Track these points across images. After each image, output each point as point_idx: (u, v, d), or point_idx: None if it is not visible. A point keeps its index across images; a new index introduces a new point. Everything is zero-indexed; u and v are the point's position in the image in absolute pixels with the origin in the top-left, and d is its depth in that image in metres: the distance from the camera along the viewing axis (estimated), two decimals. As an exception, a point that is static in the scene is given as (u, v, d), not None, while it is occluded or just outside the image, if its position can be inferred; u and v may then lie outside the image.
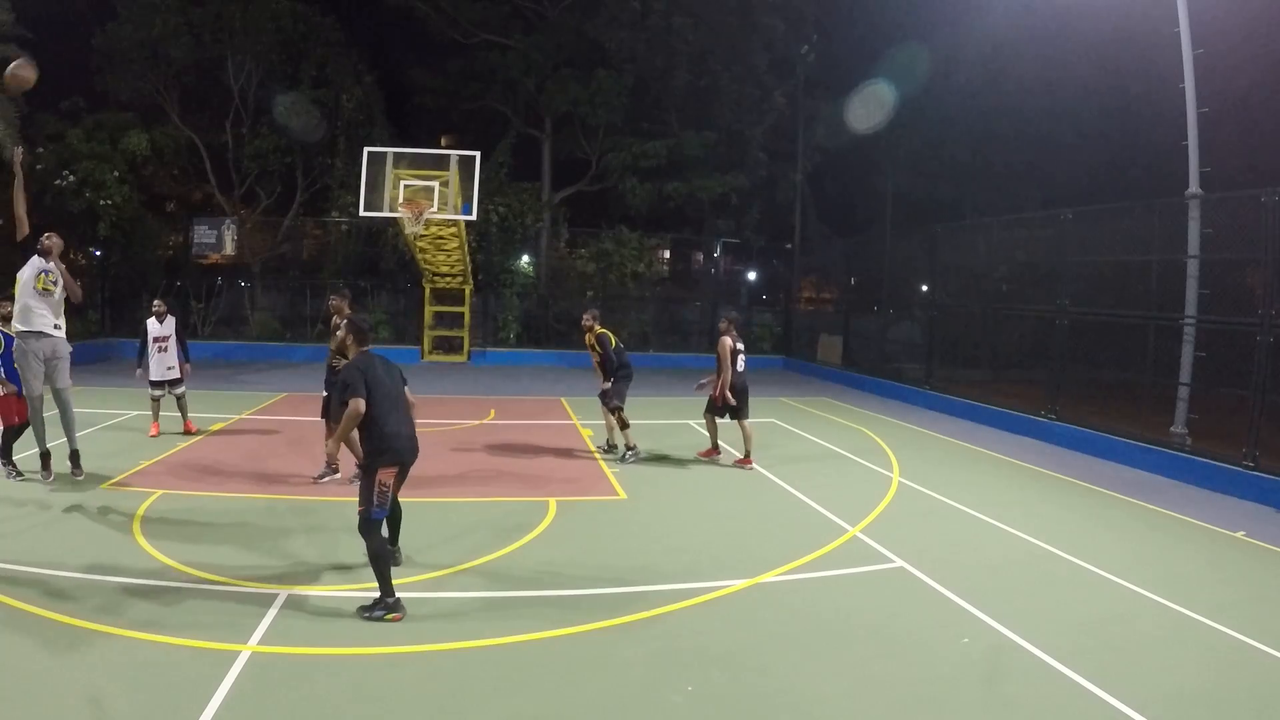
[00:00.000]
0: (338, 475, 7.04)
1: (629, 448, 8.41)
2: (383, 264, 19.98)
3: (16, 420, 6.76)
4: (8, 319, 6.57)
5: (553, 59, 21.34)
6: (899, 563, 5.46)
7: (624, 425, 8.43)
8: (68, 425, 6.72)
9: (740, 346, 8.30)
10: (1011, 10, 17.66)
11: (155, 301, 9.43)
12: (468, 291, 18.31)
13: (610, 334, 8.67)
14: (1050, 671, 3.91)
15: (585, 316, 8.84)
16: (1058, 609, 4.75)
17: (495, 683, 3.63)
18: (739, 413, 8.27)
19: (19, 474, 6.73)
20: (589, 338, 8.71)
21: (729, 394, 8.10)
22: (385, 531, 4.59)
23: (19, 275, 6.41)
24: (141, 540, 5.25)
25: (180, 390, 8.98)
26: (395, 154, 14.45)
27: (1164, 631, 4.51)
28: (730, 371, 8.08)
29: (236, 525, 5.74)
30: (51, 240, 6.52)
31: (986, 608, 4.66)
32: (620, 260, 20.08)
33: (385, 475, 4.36)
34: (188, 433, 8.84)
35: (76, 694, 3.32)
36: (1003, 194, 21.09)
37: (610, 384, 8.49)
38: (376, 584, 4.25)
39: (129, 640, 3.82)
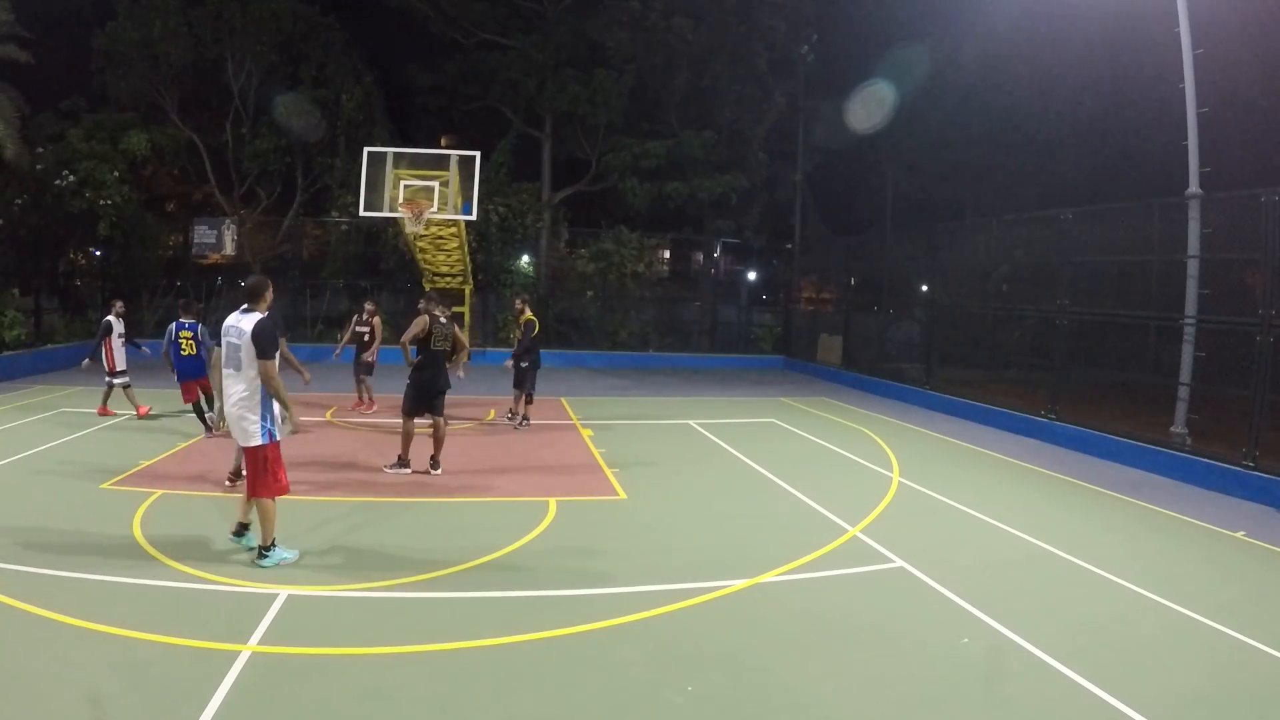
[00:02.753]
0: (407, 470, 7.42)
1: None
2: (383, 264, 19.97)
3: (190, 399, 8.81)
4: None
5: (553, 59, 21.32)
6: (899, 563, 5.46)
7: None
8: None
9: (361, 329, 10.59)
10: (1011, 10, 17.66)
11: (119, 302, 10.40)
12: (468, 291, 18.29)
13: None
14: (1050, 671, 3.91)
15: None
16: (1058, 609, 4.75)
17: (495, 683, 3.64)
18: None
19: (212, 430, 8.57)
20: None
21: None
22: None
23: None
24: (141, 540, 5.25)
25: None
26: (395, 154, 14.42)
27: (1164, 631, 4.51)
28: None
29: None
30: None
31: (986, 608, 4.66)
32: (620, 260, 20.08)
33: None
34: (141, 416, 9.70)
35: (76, 694, 3.32)
36: (1003, 194, 21.07)
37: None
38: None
39: (129, 640, 3.82)
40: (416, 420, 7.56)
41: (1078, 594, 5.05)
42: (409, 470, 7.42)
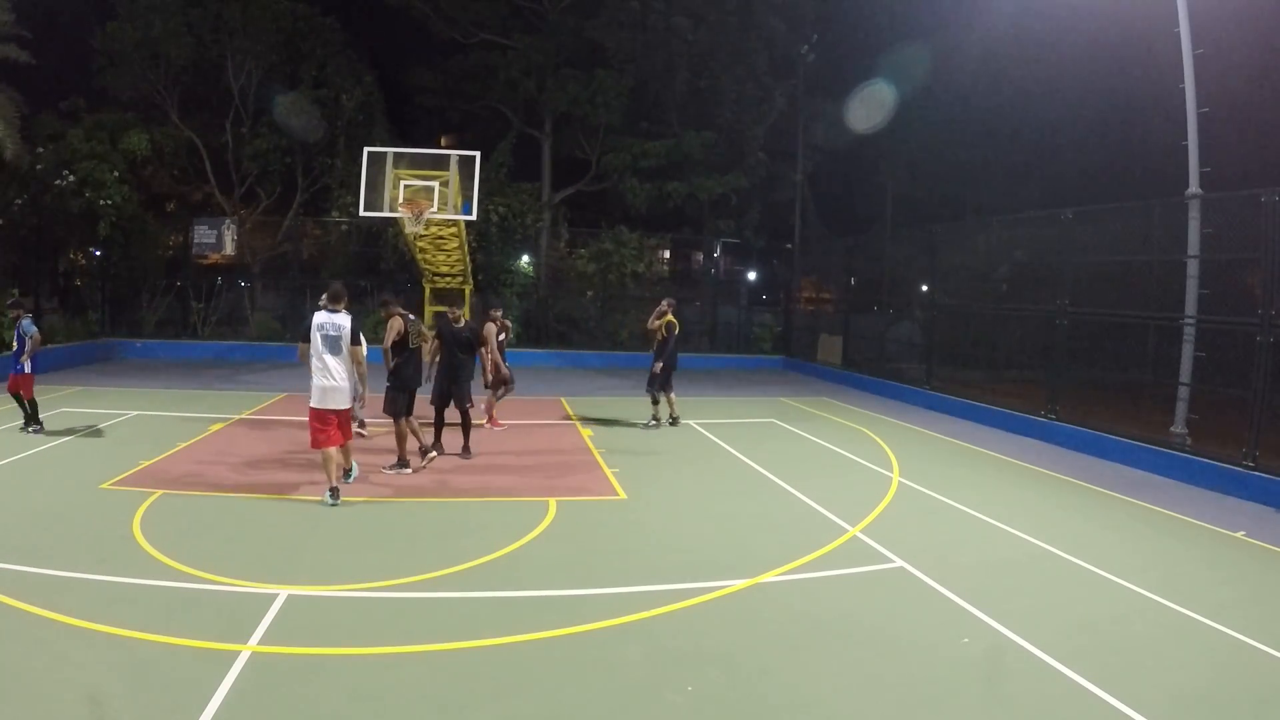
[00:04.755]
0: (408, 470, 7.46)
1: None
2: (383, 264, 19.96)
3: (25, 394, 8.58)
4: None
5: (553, 59, 21.32)
6: (899, 563, 5.46)
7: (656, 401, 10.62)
8: None
9: (501, 337, 10.07)
10: (1011, 10, 17.66)
11: None
12: (468, 291, 18.27)
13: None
14: (1050, 671, 3.91)
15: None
16: (1058, 609, 4.75)
17: (495, 683, 3.63)
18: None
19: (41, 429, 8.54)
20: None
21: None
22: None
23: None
24: (141, 540, 5.25)
25: None
26: (395, 154, 14.38)
27: (1164, 631, 4.51)
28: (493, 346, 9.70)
29: (236, 525, 5.74)
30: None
31: (986, 608, 4.66)
32: (620, 260, 20.07)
33: None
34: None
35: (76, 694, 3.32)
36: (1003, 194, 21.08)
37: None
38: None
39: (129, 640, 3.82)
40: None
41: (1078, 594, 5.04)
42: (409, 470, 7.45)
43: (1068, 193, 16.58)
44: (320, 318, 6.48)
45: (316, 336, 6.41)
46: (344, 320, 6.51)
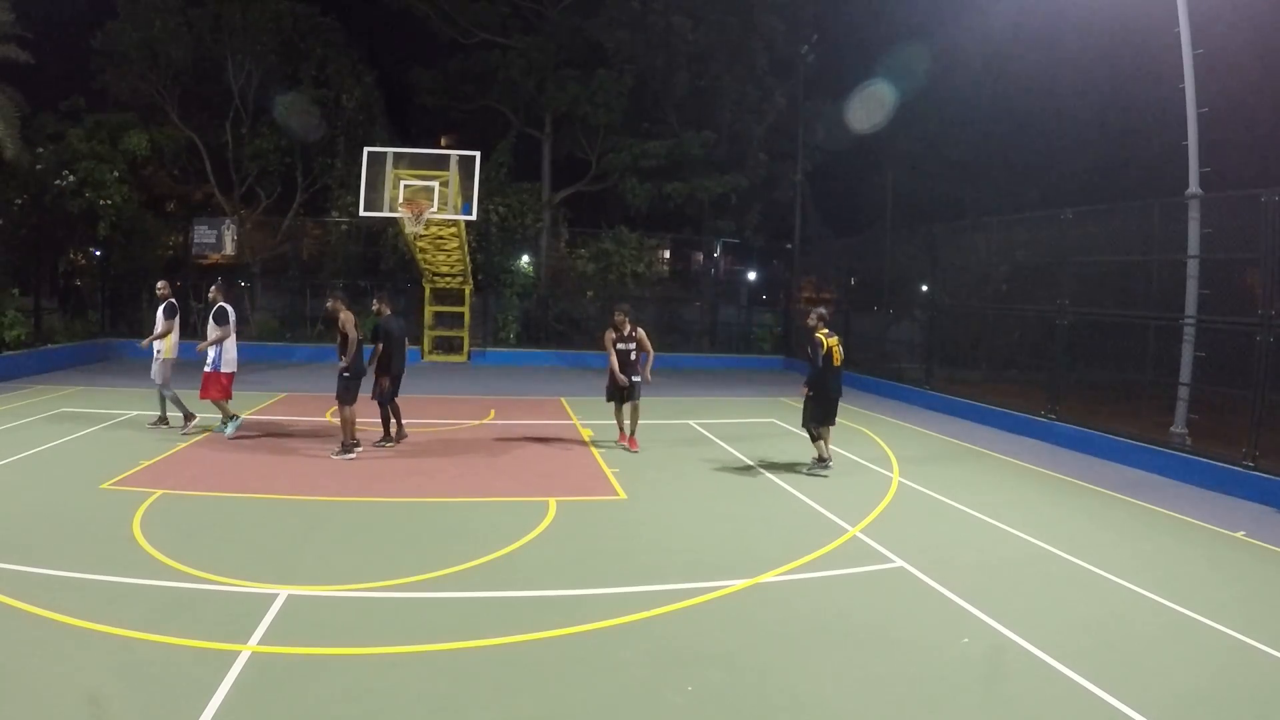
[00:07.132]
0: (352, 456, 7.91)
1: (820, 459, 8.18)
2: (383, 264, 19.97)
3: None
4: None
5: (553, 59, 21.31)
6: (899, 563, 5.46)
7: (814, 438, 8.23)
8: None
9: (620, 346, 9.06)
10: (1012, 10, 17.66)
11: None
12: (468, 291, 18.30)
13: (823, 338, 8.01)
14: (1050, 671, 3.91)
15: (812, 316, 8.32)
16: (1058, 609, 4.75)
17: (495, 683, 3.63)
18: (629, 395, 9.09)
19: None
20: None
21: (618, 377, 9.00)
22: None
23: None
24: (141, 540, 5.25)
25: None
26: (395, 154, 14.43)
27: (1164, 631, 4.51)
28: (613, 356, 8.98)
29: (236, 525, 5.74)
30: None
31: (986, 608, 4.66)
32: (620, 260, 20.08)
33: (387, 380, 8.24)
34: None
35: (76, 694, 3.32)
36: (1003, 194, 21.06)
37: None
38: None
39: (129, 640, 3.82)
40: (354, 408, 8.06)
41: (1078, 594, 5.04)
42: (354, 456, 7.88)
43: (1068, 192, 16.58)
44: (232, 310, 8.92)
45: (233, 321, 8.85)
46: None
